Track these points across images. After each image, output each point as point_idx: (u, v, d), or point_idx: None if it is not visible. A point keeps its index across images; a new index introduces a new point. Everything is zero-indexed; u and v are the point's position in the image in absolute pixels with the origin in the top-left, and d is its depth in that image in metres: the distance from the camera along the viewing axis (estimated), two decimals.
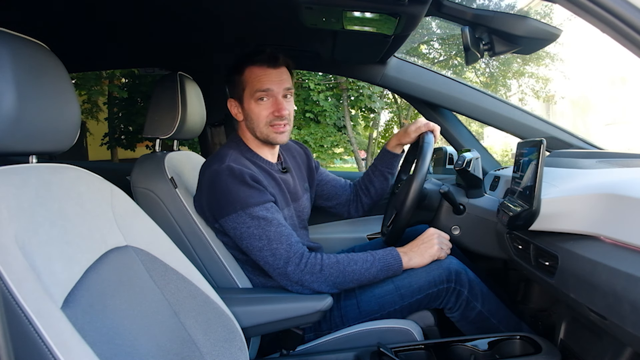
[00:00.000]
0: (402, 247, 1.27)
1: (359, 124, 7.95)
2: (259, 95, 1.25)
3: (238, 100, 1.30)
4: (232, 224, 1.18)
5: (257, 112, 1.26)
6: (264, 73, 1.25)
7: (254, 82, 1.25)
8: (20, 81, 0.68)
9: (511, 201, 1.07)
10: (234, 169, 1.18)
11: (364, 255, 1.21)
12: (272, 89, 1.25)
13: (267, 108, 1.26)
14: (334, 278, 1.17)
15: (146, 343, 0.77)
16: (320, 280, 1.16)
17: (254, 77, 1.25)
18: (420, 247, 1.26)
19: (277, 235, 1.16)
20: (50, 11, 1.28)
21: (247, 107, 1.27)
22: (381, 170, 1.51)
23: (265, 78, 1.24)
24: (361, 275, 1.19)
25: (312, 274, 1.16)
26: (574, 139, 1.63)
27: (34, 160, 0.78)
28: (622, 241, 0.79)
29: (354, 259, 1.20)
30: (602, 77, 9.49)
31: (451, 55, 8.42)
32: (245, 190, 1.17)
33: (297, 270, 1.15)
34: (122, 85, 6.37)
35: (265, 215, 1.16)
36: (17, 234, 0.62)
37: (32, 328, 0.56)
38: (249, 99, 1.26)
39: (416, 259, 1.25)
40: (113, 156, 7.42)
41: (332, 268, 1.17)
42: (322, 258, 1.18)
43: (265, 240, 1.16)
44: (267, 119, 1.26)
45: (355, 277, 1.19)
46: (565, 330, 1.14)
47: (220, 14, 1.37)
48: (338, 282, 1.18)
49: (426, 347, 1.16)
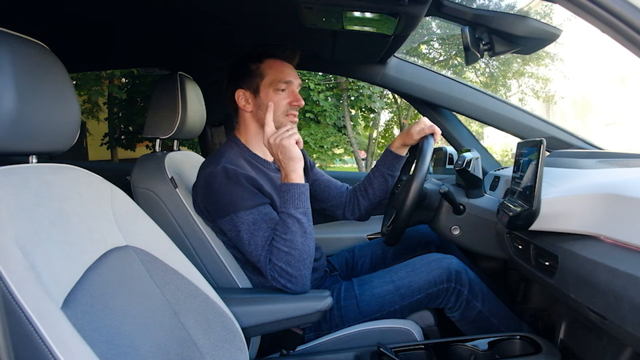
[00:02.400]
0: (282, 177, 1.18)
1: (359, 124, 7.95)
2: (281, 86, 1.29)
3: (252, 90, 1.31)
4: (227, 225, 1.19)
5: (277, 101, 1.29)
6: (285, 66, 1.31)
7: (276, 73, 1.29)
8: (20, 81, 0.68)
9: (511, 201, 1.07)
10: (228, 171, 1.18)
11: (281, 221, 1.15)
12: (292, 81, 1.31)
13: (285, 98, 1.30)
14: (296, 261, 1.12)
15: (146, 343, 0.77)
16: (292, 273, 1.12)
17: (276, 67, 1.30)
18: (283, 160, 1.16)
19: (263, 240, 1.16)
20: (50, 11, 1.28)
21: (265, 96, 1.29)
22: (382, 171, 1.50)
23: (287, 70, 1.31)
24: (298, 233, 1.13)
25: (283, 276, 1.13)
26: (574, 139, 1.63)
27: (34, 160, 0.78)
28: (622, 241, 0.79)
29: (282, 233, 1.13)
30: (602, 77, 9.49)
31: (451, 55, 8.43)
32: (239, 193, 1.17)
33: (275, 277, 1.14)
34: (122, 86, 6.37)
35: (256, 219, 1.17)
36: (17, 234, 0.62)
37: (32, 328, 0.56)
38: (267, 88, 1.29)
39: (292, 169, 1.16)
40: (113, 156, 7.43)
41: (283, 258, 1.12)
42: (271, 260, 1.14)
43: (253, 245, 1.17)
44: (285, 108, 1.30)
45: (297, 240, 1.12)
46: (565, 330, 1.14)
47: (220, 14, 1.37)
48: (297, 257, 1.12)
49: (426, 347, 1.16)
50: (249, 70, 1.30)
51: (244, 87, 1.31)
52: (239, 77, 1.32)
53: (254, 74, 1.30)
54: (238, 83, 1.32)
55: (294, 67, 1.34)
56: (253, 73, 1.30)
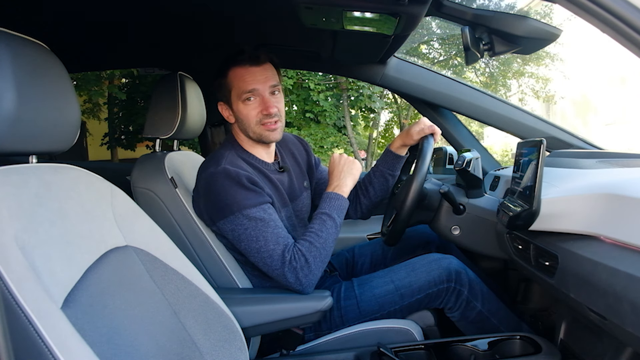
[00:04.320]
0: (331, 185, 1.30)
1: (359, 124, 7.96)
2: (246, 96, 1.24)
3: (227, 103, 1.29)
4: (230, 225, 1.18)
5: (246, 113, 1.26)
6: (248, 73, 1.23)
7: (239, 84, 1.24)
8: (20, 81, 0.68)
9: (511, 201, 1.07)
10: (229, 172, 1.18)
11: (321, 220, 1.22)
12: (258, 88, 1.24)
13: (255, 107, 1.25)
14: (320, 260, 1.17)
15: (146, 343, 0.77)
16: (313, 269, 1.16)
17: (238, 78, 1.24)
18: (344, 173, 1.31)
19: (274, 236, 1.16)
20: (50, 11, 1.28)
21: (236, 109, 1.27)
22: (382, 171, 1.50)
23: (250, 78, 1.23)
24: (332, 236, 1.21)
25: (303, 269, 1.15)
26: (574, 139, 1.63)
27: (34, 160, 0.78)
28: (622, 241, 0.79)
29: (319, 230, 1.20)
30: (602, 77, 9.48)
31: (451, 55, 8.43)
32: (241, 192, 1.17)
33: (291, 268, 1.15)
34: (121, 86, 6.37)
35: (262, 217, 1.16)
36: (17, 234, 0.62)
37: (32, 328, 0.56)
38: (237, 100, 1.26)
39: (346, 183, 1.29)
40: (113, 156, 7.43)
41: (312, 253, 1.16)
42: (301, 250, 1.16)
43: (262, 241, 1.15)
44: (257, 118, 1.25)
45: (330, 242, 1.20)
46: (565, 330, 1.14)
47: (220, 14, 1.37)
48: (323, 257, 1.18)
49: (426, 347, 1.16)
50: (220, 84, 1.28)
51: (222, 100, 1.30)
52: (216, 89, 1.30)
53: (224, 88, 1.27)
54: (217, 95, 1.31)
55: (270, 65, 1.27)
56: (223, 87, 1.27)
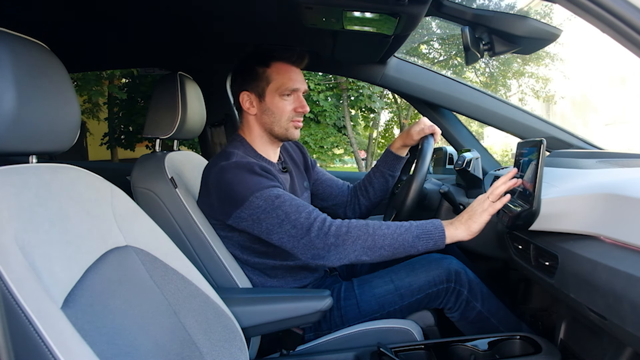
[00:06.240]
0: (447, 222, 1.12)
1: (359, 124, 7.96)
2: (287, 92, 1.27)
3: (257, 93, 1.28)
4: (247, 212, 1.14)
5: (282, 107, 1.27)
6: (293, 71, 1.28)
7: (283, 79, 1.26)
8: (20, 81, 0.68)
9: (511, 201, 1.07)
10: (241, 162, 1.18)
11: (398, 222, 1.12)
12: (299, 88, 1.28)
13: (291, 104, 1.28)
14: (362, 241, 1.08)
15: (146, 343, 0.77)
16: (348, 243, 1.08)
17: (283, 73, 1.26)
18: (465, 216, 1.10)
19: (293, 207, 1.12)
20: (50, 11, 1.28)
21: (270, 101, 1.27)
22: (382, 172, 1.50)
23: (295, 77, 1.28)
24: (394, 240, 1.08)
25: (338, 237, 1.08)
26: (574, 139, 1.63)
27: (34, 160, 0.78)
28: (622, 241, 0.79)
29: (386, 224, 1.11)
30: (602, 77, 9.49)
31: (451, 55, 8.43)
32: (254, 178, 1.15)
33: (321, 234, 1.09)
34: (122, 86, 6.37)
35: (277, 194, 1.13)
36: (17, 234, 0.62)
37: (32, 328, 0.56)
38: (273, 93, 1.27)
39: (462, 230, 1.09)
40: (113, 156, 7.42)
41: (359, 230, 1.09)
42: (349, 221, 1.11)
43: (283, 215, 1.11)
44: (290, 114, 1.28)
45: (387, 241, 1.08)
46: (565, 330, 1.14)
47: (220, 14, 1.37)
48: (367, 245, 1.08)
49: (426, 347, 1.16)
50: (255, 73, 1.27)
51: (249, 90, 1.28)
52: (244, 78, 1.29)
53: (260, 78, 1.27)
54: (243, 85, 1.29)
55: (301, 70, 1.31)
56: (259, 76, 1.27)
